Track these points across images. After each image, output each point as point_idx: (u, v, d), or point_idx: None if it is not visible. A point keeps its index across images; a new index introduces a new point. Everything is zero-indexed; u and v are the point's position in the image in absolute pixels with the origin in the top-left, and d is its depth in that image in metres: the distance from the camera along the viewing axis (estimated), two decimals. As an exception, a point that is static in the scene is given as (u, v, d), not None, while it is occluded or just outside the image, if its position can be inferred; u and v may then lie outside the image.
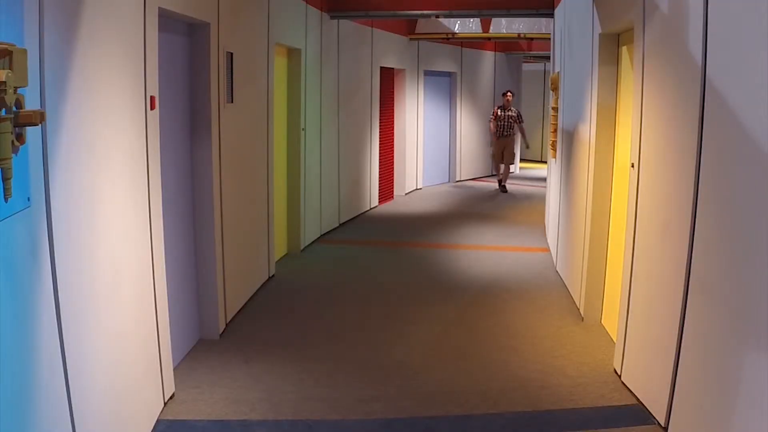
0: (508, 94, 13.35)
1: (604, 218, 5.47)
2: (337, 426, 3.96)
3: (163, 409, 4.01)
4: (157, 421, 3.88)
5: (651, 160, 4.07)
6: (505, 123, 13.14)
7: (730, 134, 3.10)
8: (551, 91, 8.48)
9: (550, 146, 8.45)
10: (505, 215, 10.94)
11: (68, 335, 2.74)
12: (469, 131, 14.82)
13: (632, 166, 4.35)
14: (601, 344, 5.15)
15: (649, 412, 3.92)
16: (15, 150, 2.29)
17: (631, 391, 4.26)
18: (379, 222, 10.25)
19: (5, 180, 2.23)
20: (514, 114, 13.17)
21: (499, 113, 13.20)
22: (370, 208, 11.06)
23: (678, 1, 3.67)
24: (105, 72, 3.24)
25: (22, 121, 2.28)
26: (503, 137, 13.11)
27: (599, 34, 5.36)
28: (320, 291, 6.71)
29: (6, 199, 2.24)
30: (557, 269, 7.31)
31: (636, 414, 4.00)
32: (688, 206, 3.43)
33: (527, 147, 14.06)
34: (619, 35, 5.26)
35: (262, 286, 6.55)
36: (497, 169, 13.57)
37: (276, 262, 7.21)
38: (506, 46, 15.64)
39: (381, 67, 11.27)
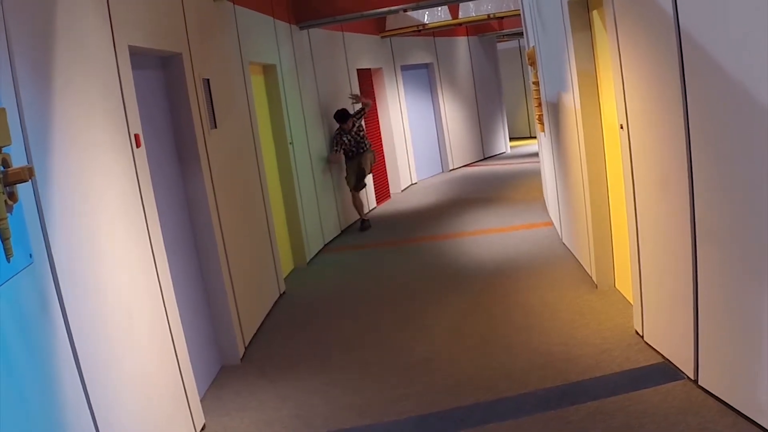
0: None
1: (602, 183, 5.47)
2: (372, 430, 3.96)
3: (196, 441, 4.01)
4: (193, 454, 3.89)
5: (639, 118, 4.07)
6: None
7: (713, 80, 3.10)
8: (529, 66, 8.47)
9: (537, 120, 8.45)
10: (505, 196, 10.94)
11: (91, 385, 2.73)
12: (455, 118, 14.81)
13: (621, 128, 4.35)
14: (619, 308, 5.15)
15: (677, 368, 3.92)
16: (9, 209, 2.29)
17: (656, 350, 4.25)
18: (380, 222, 10.24)
19: (4, 240, 2.23)
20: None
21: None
22: (369, 210, 11.05)
23: (640, -43, 3.67)
24: (86, 117, 3.23)
25: (12, 179, 2.28)
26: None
27: (568, 2, 5.35)
28: (332, 300, 6.71)
29: (8, 259, 2.24)
30: (563, 241, 7.31)
31: (664, 371, 4.00)
32: (683, 158, 3.43)
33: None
34: (587, 0, 5.26)
35: (274, 304, 6.55)
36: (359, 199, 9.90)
37: (285, 278, 7.21)
38: (478, 28, 15.63)
39: (357, 69, 11.27)
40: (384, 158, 12.44)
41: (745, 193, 2.95)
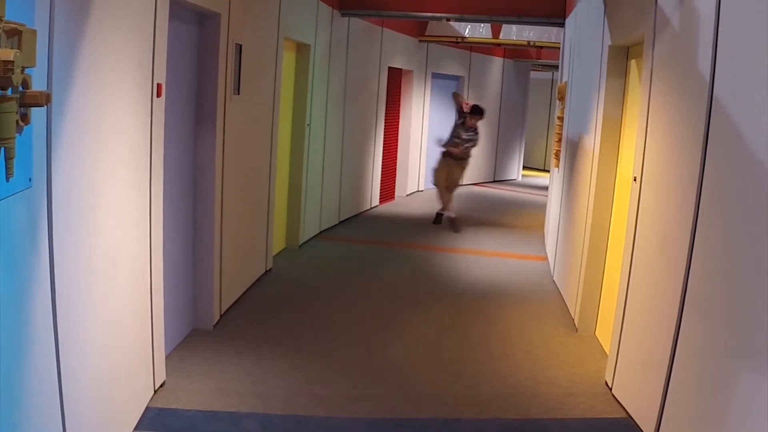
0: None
1: (604, 230, 5.47)
2: (326, 423, 3.96)
3: (153, 396, 4.01)
4: (147, 408, 3.88)
5: (653, 174, 4.07)
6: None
7: (735, 152, 3.10)
8: (558, 101, 8.48)
9: (554, 155, 8.45)
10: (505, 222, 10.94)
11: (62, 317, 2.74)
12: (474, 136, 14.79)
13: (634, 180, 4.35)
14: (594, 356, 5.15)
15: (638, 427, 3.92)
16: (19, 130, 2.29)
17: (621, 405, 4.25)
18: (379, 222, 10.24)
19: (8, 159, 2.22)
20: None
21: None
22: (371, 208, 11.05)
23: (689, 16, 3.67)
24: (113, 57, 3.23)
25: (28, 101, 2.27)
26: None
27: (609, 46, 5.36)
28: (316, 287, 6.71)
29: (8, 179, 2.24)
30: (554, 278, 7.31)
31: (625, 427, 4.00)
32: (688, 222, 3.43)
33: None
34: (628, 48, 5.26)
35: (258, 279, 6.55)
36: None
37: (274, 256, 7.21)
38: (515, 53, 15.64)
39: (389, 67, 11.27)
40: (396, 159, 12.45)
41: (742, 269, 2.95)
